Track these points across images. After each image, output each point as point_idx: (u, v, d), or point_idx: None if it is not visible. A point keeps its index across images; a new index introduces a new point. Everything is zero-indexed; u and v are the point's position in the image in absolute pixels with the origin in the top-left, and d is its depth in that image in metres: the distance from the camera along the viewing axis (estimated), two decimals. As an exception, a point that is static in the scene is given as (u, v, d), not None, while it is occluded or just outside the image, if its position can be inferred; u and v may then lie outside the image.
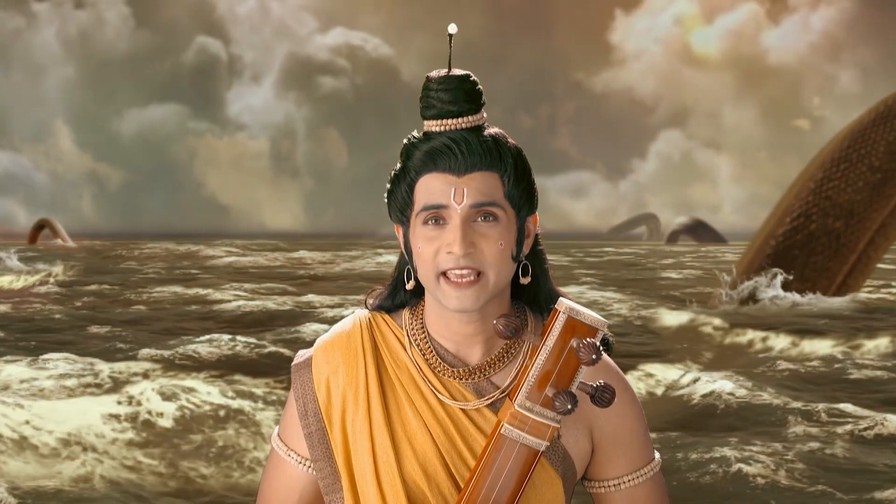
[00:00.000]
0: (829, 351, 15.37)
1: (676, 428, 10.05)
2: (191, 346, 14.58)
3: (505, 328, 1.69)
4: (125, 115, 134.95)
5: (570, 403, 1.65)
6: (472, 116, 1.78)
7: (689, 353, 15.13)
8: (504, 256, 1.76)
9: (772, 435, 9.73)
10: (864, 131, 21.84)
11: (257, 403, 10.60)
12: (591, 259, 46.95)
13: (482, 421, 1.79)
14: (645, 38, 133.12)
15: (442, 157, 1.76)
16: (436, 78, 1.79)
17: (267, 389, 11.33)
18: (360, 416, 1.82)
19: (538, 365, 1.68)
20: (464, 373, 1.81)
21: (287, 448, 1.91)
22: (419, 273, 1.79)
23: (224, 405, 10.38)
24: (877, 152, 21.60)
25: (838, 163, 21.72)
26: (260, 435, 9.54)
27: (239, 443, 9.29)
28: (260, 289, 26.57)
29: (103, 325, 17.81)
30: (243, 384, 11.60)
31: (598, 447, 1.85)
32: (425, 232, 1.77)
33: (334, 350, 1.87)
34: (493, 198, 1.76)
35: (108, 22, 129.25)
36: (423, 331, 1.84)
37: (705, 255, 50.74)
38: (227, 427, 9.72)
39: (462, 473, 1.77)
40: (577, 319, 1.68)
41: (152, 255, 47.87)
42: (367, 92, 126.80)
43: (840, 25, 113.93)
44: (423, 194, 1.77)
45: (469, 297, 1.75)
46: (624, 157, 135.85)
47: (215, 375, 12.39)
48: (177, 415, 10.05)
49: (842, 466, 8.60)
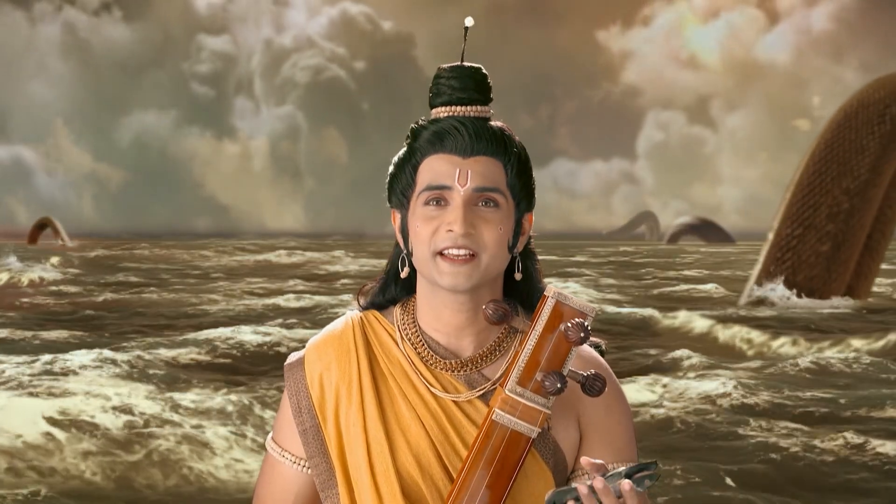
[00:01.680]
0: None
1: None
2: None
3: (493, 312, 1.71)
4: (125, 116, 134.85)
5: (559, 382, 1.66)
6: (480, 106, 1.81)
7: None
8: (501, 242, 1.78)
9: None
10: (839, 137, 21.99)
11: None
12: (605, 258, 46.67)
13: (474, 413, 1.80)
14: (645, 39, 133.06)
15: (449, 137, 1.78)
16: (447, 67, 1.82)
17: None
18: (353, 410, 1.82)
19: (528, 350, 1.69)
20: (455, 365, 1.82)
21: (281, 450, 1.91)
22: (415, 254, 1.80)
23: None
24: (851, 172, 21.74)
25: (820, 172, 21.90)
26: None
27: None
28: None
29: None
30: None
31: (585, 436, 1.85)
32: (426, 212, 1.78)
33: (327, 348, 1.88)
34: (496, 184, 1.78)
35: (109, 22, 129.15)
36: (415, 325, 1.85)
37: (726, 255, 50.30)
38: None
39: (455, 465, 1.78)
40: (566, 304, 1.70)
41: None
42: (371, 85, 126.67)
43: (840, 25, 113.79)
44: (427, 175, 1.79)
45: (462, 274, 1.76)
46: (624, 157, 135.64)
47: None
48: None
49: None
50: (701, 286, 27.76)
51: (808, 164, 22.02)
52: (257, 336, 15.74)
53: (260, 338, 15.46)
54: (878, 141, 21.47)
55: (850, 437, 9.43)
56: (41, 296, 25.22)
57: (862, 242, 21.35)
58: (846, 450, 9.09)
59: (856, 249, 21.37)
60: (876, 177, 21.30)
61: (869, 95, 22.04)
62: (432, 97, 1.82)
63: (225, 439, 9.27)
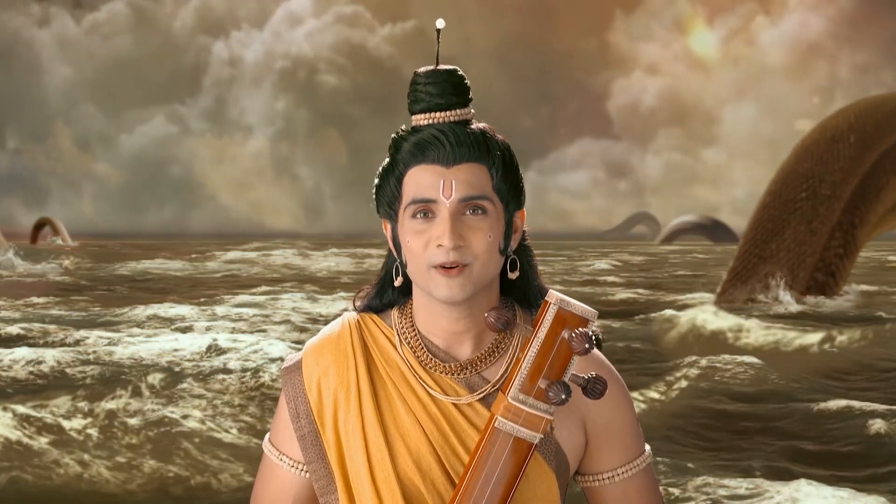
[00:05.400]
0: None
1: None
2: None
3: (496, 321, 1.69)
4: (125, 116, 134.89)
5: (563, 394, 1.65)
6: (459, 110, 1.79)
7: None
8: (492, 249, 1.77)
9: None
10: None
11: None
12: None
13: (474, 415, 1.79)
14: (645, 39, 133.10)
15: (430, 147, 1.76)
16: (423, 72, 1.80)
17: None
18: (352, 416, 1.81)
19: (530, 357, 1.68)
20: (454, 368, 1.81)
21: (279, 453, 1.90)
22: (409, 267, 1.79)
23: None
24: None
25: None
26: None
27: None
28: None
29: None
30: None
31: (592, 440, 1.84)
32: (414, 225, 1.77)
33: (324, 352, 1.87)
34: (482, 191, 1.76)
35: (109, 22, 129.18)
36: (413, 328, 1.85)
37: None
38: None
39: (456, 468, 1.77)
40: (568, 310, 1.68)
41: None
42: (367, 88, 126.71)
43: (840, 25, 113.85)
44: (412, 187, 1.77)
45: (457, 286, 1.75)
46: (624, 157, 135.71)
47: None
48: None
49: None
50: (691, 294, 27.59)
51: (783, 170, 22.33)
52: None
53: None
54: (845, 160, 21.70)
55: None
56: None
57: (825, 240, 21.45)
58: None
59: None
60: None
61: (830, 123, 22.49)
62: (411, 104, 1.80)
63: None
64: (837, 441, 9.49)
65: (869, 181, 21.88)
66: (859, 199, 21.77)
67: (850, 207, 21.76)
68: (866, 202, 21.83)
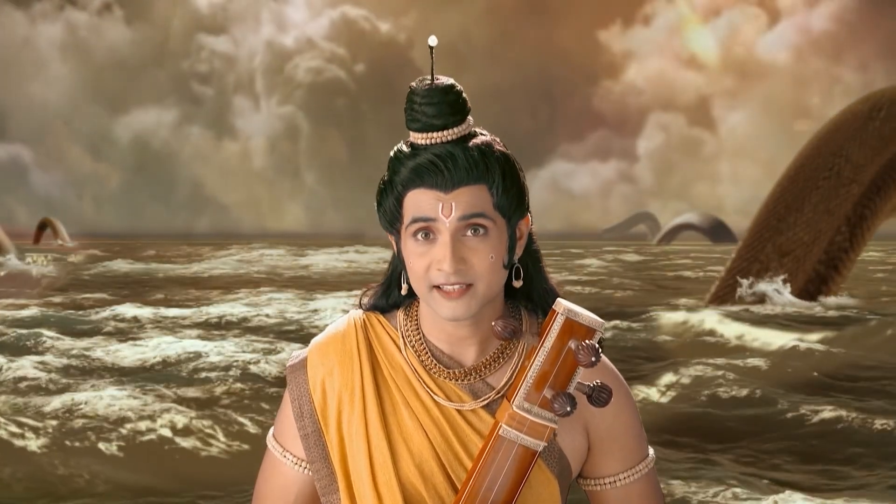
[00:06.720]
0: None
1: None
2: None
3: (503, 330, 1.69)
4: (125, 116, 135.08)
5: (569, 406, 1.65)
6: (456, 128, 1.77)
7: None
8: (495, 268, 1.76)
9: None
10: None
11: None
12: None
13: (478, 422, 1.79)
14: (645, 39, 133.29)
15: (428, 174, 1.75)
16: (419, 90, 1.77)
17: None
18: (356, 418, 1.81)
19: (536, 366, 1.68)
20: (459, 374, 1.81)
21: (282, 449, 1.90)
22: (413, 286, 1.79)
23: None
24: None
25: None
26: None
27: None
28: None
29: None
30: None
31: (595, 445, 1.85)
32: (416, 247, 1.76)
33: (329, 351, 1.86)
34: (483, 209, 1.75)
35: (108, 22, 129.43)
36: (418, 332, 1.84)
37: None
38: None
39: (458, 474, 1.77)
40: (575, 321, 1.68)
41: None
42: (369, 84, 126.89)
43: (840, 25, 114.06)
44: (412, 208, 1.76)
45: (461, 307, 1.75)
46: (624, 156, 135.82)
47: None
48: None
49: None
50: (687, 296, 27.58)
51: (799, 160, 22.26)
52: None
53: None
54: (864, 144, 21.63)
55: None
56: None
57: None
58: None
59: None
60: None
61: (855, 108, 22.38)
62: (408, 121, 1.78)
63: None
64: (831, 447, 9.48)
65: (890, 171, 21.79)
66: (874, 191, 21.70)
67: (865, 200, 21.69)
68: (881, 194, 21.75)
